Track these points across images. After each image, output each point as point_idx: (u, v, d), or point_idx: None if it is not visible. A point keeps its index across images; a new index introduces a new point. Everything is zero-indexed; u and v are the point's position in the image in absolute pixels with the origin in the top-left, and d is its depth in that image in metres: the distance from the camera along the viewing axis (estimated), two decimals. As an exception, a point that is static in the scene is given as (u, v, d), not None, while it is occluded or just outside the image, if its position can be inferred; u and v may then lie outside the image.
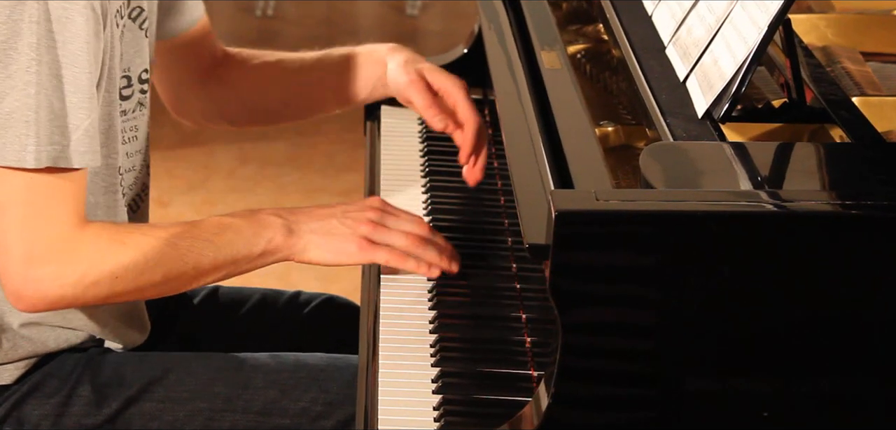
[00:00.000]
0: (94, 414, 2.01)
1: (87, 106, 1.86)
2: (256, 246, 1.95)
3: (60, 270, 1.86)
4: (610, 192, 1.62)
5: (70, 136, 1.84)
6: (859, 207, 1.52)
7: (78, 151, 1.85)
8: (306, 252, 1.97)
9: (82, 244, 1.87)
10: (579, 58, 2.25)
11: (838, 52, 2.09)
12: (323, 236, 1.97)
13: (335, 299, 2.35)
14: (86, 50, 1.85)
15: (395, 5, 6.42)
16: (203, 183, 4.59)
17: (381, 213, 2.00)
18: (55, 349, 2.03)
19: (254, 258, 1.95)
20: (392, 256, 1.97)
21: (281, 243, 1.96)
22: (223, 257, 1.93)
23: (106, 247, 1.88)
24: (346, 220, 1.98)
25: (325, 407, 2.02)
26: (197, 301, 2.31)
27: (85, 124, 1.85)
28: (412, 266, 1.98)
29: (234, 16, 6.23)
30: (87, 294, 1.88)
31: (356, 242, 1.97)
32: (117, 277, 1.88)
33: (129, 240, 1.90)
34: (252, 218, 1.96)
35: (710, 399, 1.54)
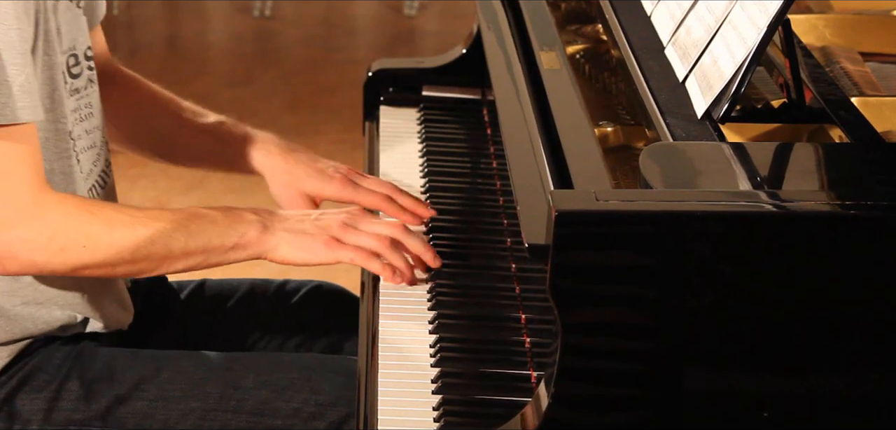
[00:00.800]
0: (83, 409, 2.01)
1: (21, 62, 1.88)
2: (229, 238, 1.97)
3: (27, 233, 1.89)
4: (609, 192, 1.62)
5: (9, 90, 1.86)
6: (859, 208, 1.52)
7: (19, 106, 1.87)
8: (277, 250, 1.99)
9: (47, 208, 1.90)
10: (578, 58, 2.25)
11: (837, 53, 2.09)
12: (294, 235, 1.99)
13: (323, 285, 2.36)
14: (13, 9, 1.87)
15: (393, 5, 6.42)
16: (201, 184, 4.59)
17: (357, 217, 2.02)
18: (35, 332, 2.03)
19: (226, 250, 1.98)
20: (357, 255, 1.99)
21: (253, 239, 1.98)
22: (194, 245, 1.96)
23: (74, 213, 1.91)
24: (319, 221, 2.01)
25: (318, 408, 2.02)
26: (184, 296, 2.32)
27: (20, 80, 1.87)
28: (376, 268, 1.99)
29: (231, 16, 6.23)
30: (54, 261, 1.91)
31: (324, 240, 1.99)
32: (85, 247, 1.90)
33: (99, 212, 1.93)
34: (229, 212, 2.00)
35: (710, 399, 1.54)
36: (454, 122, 2.52)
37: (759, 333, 1.52)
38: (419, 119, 2.52)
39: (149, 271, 1.97)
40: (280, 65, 5.79)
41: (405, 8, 6.33)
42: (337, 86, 5.48)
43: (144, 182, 4.56)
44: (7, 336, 2.02)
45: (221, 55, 5.99)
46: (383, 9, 6.45)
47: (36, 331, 2.03)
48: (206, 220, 1.97)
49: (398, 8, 6.38)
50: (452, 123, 2.52)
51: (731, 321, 1.52)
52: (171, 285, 2.33)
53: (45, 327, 2.03)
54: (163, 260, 1.95)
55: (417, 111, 2.54)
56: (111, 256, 1.92)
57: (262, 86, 5.52)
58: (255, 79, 5.60)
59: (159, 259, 1.94)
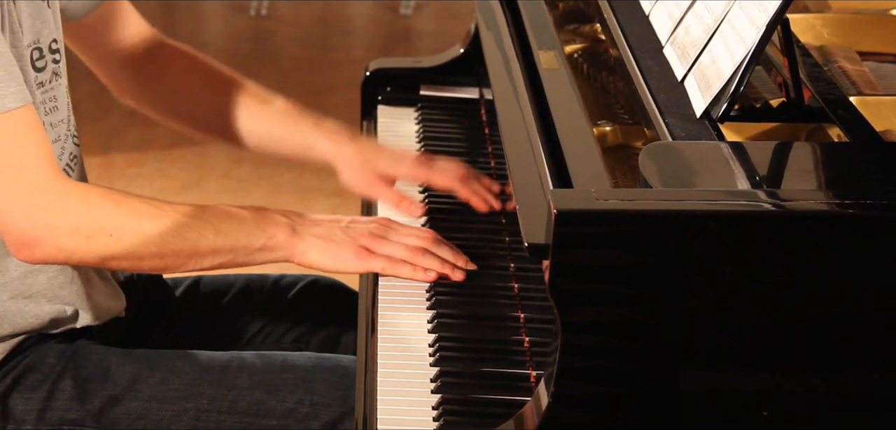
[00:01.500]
0: (76, 409, 2.01)
1: None
2: (257, 239, 1.97)
3: (51, 219, 1.89)
4: (609, 191, 1.62)
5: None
6: (859, 207, 1.52)
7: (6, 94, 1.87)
8: (306, 254, 1.99)
9: (68, 195, 1.90)
10: (576, 57, 2.25)
11: (835, 52, 2.10)
12: (324, 242, 1.99)
13: (319, 279, 2.36)
14: None
15: (389, 5, 6.42)
16: (198, 183, 4.59)
17: (386, 228, 2.03)
18: (25, 328, 2.02)
19: (253, 251, 1.97)
20: (387, 264, 1.99)
21: (282, 242, 1.97)
22: (223, 243, 1.95)
23: (98, 201, 1.91)
24: (349, 230, 2.01)
25: (312, 408, 2.02)
26: (180, 292, 2.32)
27: None
28: (407, 272, 1.99)
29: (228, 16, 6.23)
30: (83, 248, 1.90)
31: (354, 250, 1.99)
32: (112, 235, 1.90)
33: (125, 202, 1.93)
34: (258, 212, 1.99)
35: (710, 398, 1.54)
36: (452, 121, 2.52)
37: (759, 332, 1.52)
38: (417, 119, 2.52)
39: (175, 267, 1.96)
40: (276, 64, 5.78)
41: (401, 8, 6.33)
42: (333, 85, 5.47)
43: (141, 182, 4.56)
44: (2, 332, 2.01)
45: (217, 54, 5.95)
46: (379, 8, 6.45)
47: (26, 326, 2.02)
48: (235, 219, 1.96)
49: (394, 8, 6.38)
50: (450, 123, 2.52)
51: (731, 320, 1.52)
52: (166, 281, 2.33)
53: (35, 322, 2.03)
54: (190, 256, 1.94)
55: (415, 111, 2.54)
56: (138, 247, 1.91)
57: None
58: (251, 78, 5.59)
59: (187, 255, 1.94)
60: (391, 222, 2.05)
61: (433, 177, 2.19)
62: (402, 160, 2.22)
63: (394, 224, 2.04)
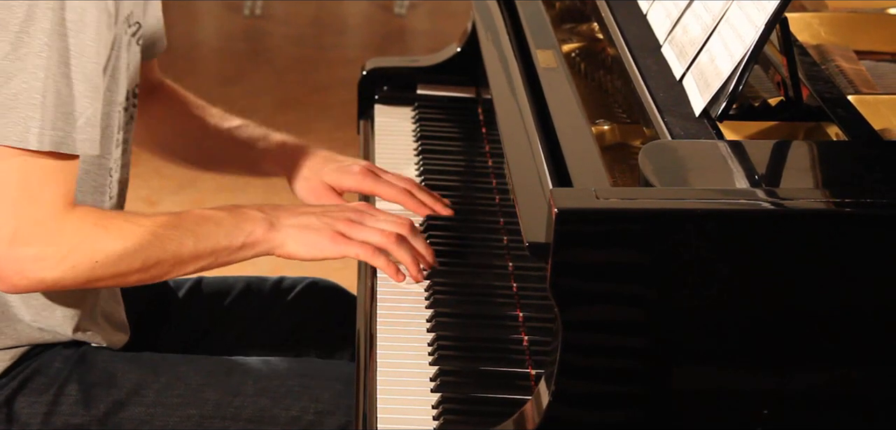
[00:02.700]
0: (82, 414, 2.01)
1: (92, 95, 1.88)
2: (236, 238, 1.97)
3: (43, 251, 1.87)
4: (610, 190, 1.62)
5: (74, 122, 1.86)
6: (860, 206, 1.52)
7: (80, 139, 1.87)
8: (284, 246, 1.99)
9: (66, 228, 1.88)
10: (573, 57, 2.26)
11: (832, 51, 2.10)
12: (300, 230, 1.99)
13: (318, 282, 2.36)
14: (95, 41, 1.88)
15: (383, 4, 6.42)
16: (192, 182, 4.59)
17: (362, 213, 2.03)
18: (40, 341, 2.03)
19: (234, 250, 1.98)
20: (363, 250, 1.99)
21: (261, 236, 1.98)
22: (203, 247, 1.95)
23: (89, 231, 1.90)
24: (324, 216, 2.01)
25: (317, 416, 2.02)
26: (182, 294, 2.32)
27: (88, 113, 1.87)
28: (381, 264, 2.00)
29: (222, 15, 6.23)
30: (67, 277, 1.89)
31: (329, 235, 1.99)
32: (97, 261, 1.89)
33: (112, 226, 1.92)
34: (234, 211, 1.99)
35: (710, 396, 1.54)
36: (449, 120, 2.52)
37: (760, 330, 1.52)
38: (414, 118, 2.52)
39: (159, 276, 1.96)
40: (271, 64, 5.78)
41: (396, 7, 6.33)
42: (328, 85, 5.48)
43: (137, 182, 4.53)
44: (12, 342, 2.02)
45: (212, 54, 5.98)
46: (374, 8, 6.45)
47: (41, 340, 2.03)
48: (212, 222, 1.97)
49: (388, 7, 6.38)
50: (447, 122, 2.52)
51: (732, 319, 1.52)
52: (168, 283, 2.33)
53: (51, 339, 2.04)
54: (173, 266, 1.94)
55: (412, 110, 2.55)
56: (122, 267, 1.91)
57: (253, 85, 5.52)
58: (245, 78, 5.60)
59: (170, 265, 1.94)
60: (369, 207, 2.06)
61: (380, 188, 2.19)
62: (351, 172, 2.23)
63: (371, 210, 2.05)
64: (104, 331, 2.08)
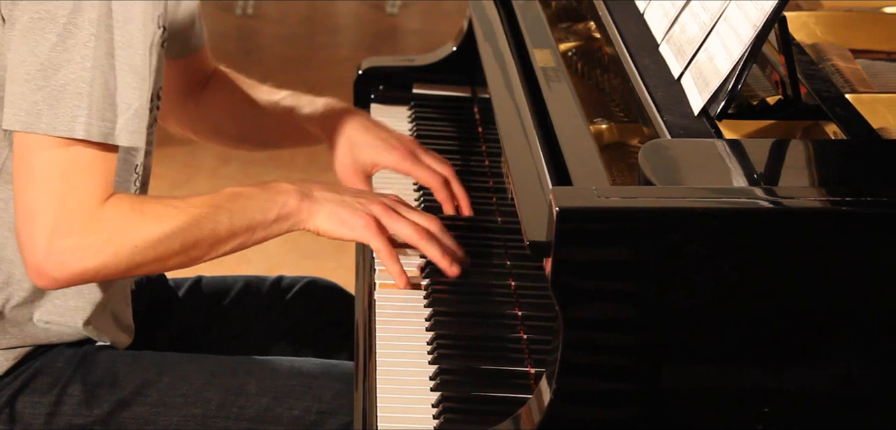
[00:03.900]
0: (84, 414, 2.01)
1: (139, 88, 1.88)
2: (270, 211, 1.96)
3: (82, 242, 1.86)
4: (611, 189, 1.63)
5: (120, 115, 1.86)
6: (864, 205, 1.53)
7: (126, 131, 1.87)
8: (316, 218, 1.98)
9: (104, 218, 1.87)
10: (570, 56, 2.26)
11: (828, 50, 2.10)
12: (335, 205, 1.98)
13: (317, 281, 2.37)
14: (141, 33, 1.88)
15: (375, 4, 6.42)
16: (186, 182, 4.59)
17: (397, 203, 2.02)
18: (44, 341, 2.03)
19: (269, 224, 1.97)
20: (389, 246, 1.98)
21: (294, 207, 1.97)
22: (239, 223, 1.94)
23: (126, 218, 1.89)
24: (360, 197, 2.01)
25: (319, 416, 2.02)
26: (182, 293, 2.32)
27: (135, 105, 1.87)
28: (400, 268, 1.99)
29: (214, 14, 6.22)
30: (109, 265, 1.88)
31: (364, 218, 1.98)
32: (137, 246, 1.89)
33: (148, 210, 1.91)
34: (266, 185, 1.99)
35: (711, 394, 1.55)
36: (445, 120, 2.53)
37: (761, 328, 1.53)
38: (410, 117, 2.52)
39: (198, 259, 1.95)
40: (263, 63, 5.78)
41: (387, 6, 6.33)
42: (320, 84, 5.47)
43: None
44: (16, 342, 2.02)
45: (204, 53, 5.97)
46: (365, 7, 6.45)
47: (47, 340, 2.03)
48: (245, 197, 1.96)
49: (380, 6, 6.38)
50: (443, 122, 2.52)
51: (733, 317, 1.52)
52: (168, 283, 2.33)
53: (56, 339, 2.04)
54: (212, 245, 1.93)
55: (408, 109, 2.55)
56: (161, 251, 1.90)
57: (245, 84, 5.51)
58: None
59: (208, 245, 1.93)
60: (401, 200, 2.05)
61: (417, 171, 2.18)
62: (391, 149, 2.20)
63: (404, 202, 2.04)
64: (111, 331, 2.08)
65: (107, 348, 2.08)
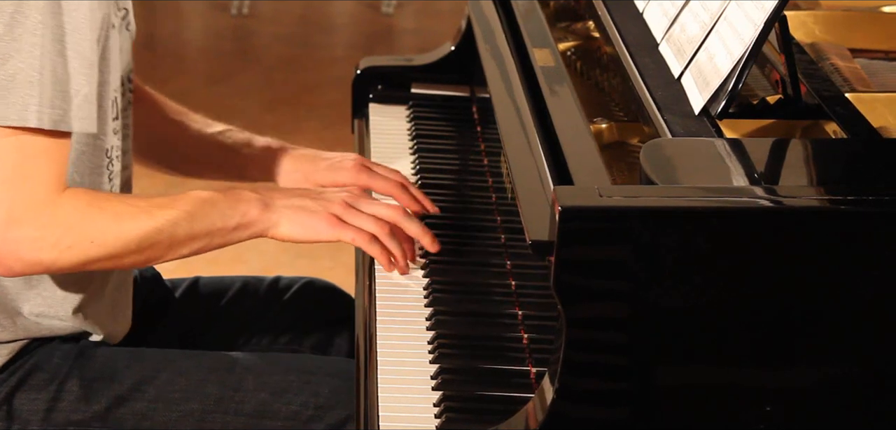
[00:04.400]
0: (82, 410, 2.01)
1: (88, 73, 1.88)
2: (231, 219, 1.97)
3: (38, 233, 1.87)
4: (613, 188, 1.63)
5: (71, 100, 1.87)
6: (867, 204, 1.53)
7: (78, 116, 1.87)
8: (278, 227, 1.99)
9: (60, 208, 1.88)
10: (569, 55, 2.26)
11: (827, 49, 2.10)
12: (296, 212, 2.00)
13: (314, 282, 2.37)
14: (88, 19, 1.88)
15: (371, 4, 6.43)
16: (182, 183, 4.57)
17: (358, 198, 2.04)
18: (37, 334, 2.03)
19: (229, 231, 1.98)
20: (358, 236, 2.00)
21: (255, 217, 1.98)
22: (198, 229, 1.95)
23: (84, 211, 1.90)
24: (320, 199, 2.02)
25: (317, 410, 2.02)
26: (179, 293, 2.32)
27: (84, 90, 1.88)
28: (376, 252, 2.01)
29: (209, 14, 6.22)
30: (62, 259, 1.89)
31: (326, 218, 2.00)
32: (93, 242, 1.90)
33: (107, 206, 1.92)
34: (229, 192, 1.99)
35: (713, 393, 1.55)
36: (444, 119, 2.53)
37: (764, 327, 1.53)
38: (409, 116, 2.52)
39: (155, 259, 1.96)
40: (258, 63, 5.78)
41: (383, 6, 6.33)
42: (316, 84, 5.47)
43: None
44: (10, 336, 2.02)
45: (199, 54, 5.98)
46: (361, 7, 6.45)
47: (39, 334, 2.03)
48: (207, 203, 1.96)
49: (375, 6, 6.38)
50: (442, 121, 2.52)
51: (736, 316, 1.53)
52: (165, 283, 2.34)
53: (48, 333, 2.04)
54: (168, 248, 1.94)
55: (406, 109, 2.55)
56: (118, 248, 1.91)
57: (241, 84, 5.51)
58: (233, 77, 5.59)
59: (165, 247, 1.94)
60: (363, 193, 2.06)
61: (373, 182, 2.19)
62: (343, 168, 2.23)
63: (364, 196, 2.05)
64: (105, 322, 2.08)
65: (104, 344, 2.08)
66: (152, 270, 2.34)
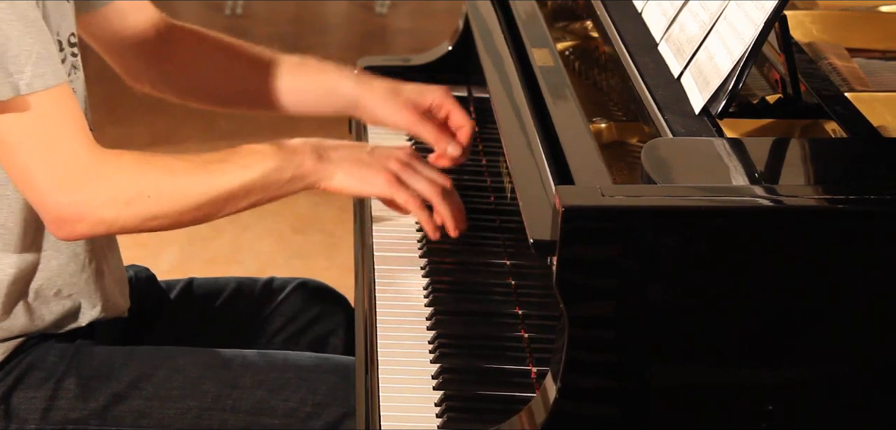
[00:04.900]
0: (80, 407, 2.02)
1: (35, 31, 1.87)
2: (286, 170, 1.96)
3: (91, 194, 1.88)
4: (615, 188, 1.63)
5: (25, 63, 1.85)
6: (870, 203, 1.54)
7: (39, 73, 1.86)
8: (333, 178, 1.99)
9: (105, 165, 1.89)
10: (567, 55, 2.26)
11: (825, 49, 2.11)
12: (352, 164, 1.99)
13: (308, 282, 2.37)
14: None
15: (364, 3, 6.42)
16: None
17: (412, 157, 2.03)
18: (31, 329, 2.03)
19: (283, 183, 1.97)
20: (412, 200, 1.99)
21: (310, 168, 1.97)
22: (253, 180, 1.94)
23: (131, 166, 1.91)
24: (376, 154, 2.01)
25: (314, 408, 2.03)
26: (173, 295, 2.32)
27: (36, 49, 1.87)
28: (425, 219, 2.01)
29: (203, 14, 6.22)
30: (123, 216, 1.89)
31: (384, 175, 1.99)
32: (150, 197, 1.89)
33: (156, 162, 1.92)
34: (281, 145, 1.98)
35: (715, 392, 1.55)
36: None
37: (767, 326, 1.53)
38: (406, 116, 2.52)
39: (214, 213, 1.95)
40: (252, 63, 5.76)
41: (376, 6, 6.33)
42: (309, 84, 5.46)
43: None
44: (4, 334, 2.02)
45: (192, 54, 5.96)
46: (354, 7, 6.45)
47: (33, 328, 2.03)
48: (259, 154, 1.96)
49: (369, 6, 6.38)
50: (439, 121, 2.52)
51: (737, 314, 1.53)
52: (160, 284, 2.33)
53: (42, 325, 2.03)
54: (226, 201, 1.93)
55: (404, 109, 2.54)
56: (177, 202, 1.91)
57: (235, 84, 5.50)
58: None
59: (223, 201, 1.93)
60: (415, 153, 2.05)
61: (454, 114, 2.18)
62: (429, 90, 2.21)
63: (418, 157, 2.04)
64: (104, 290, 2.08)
65: (101, 341, 2.08)
66: (147, 271, 2.34)
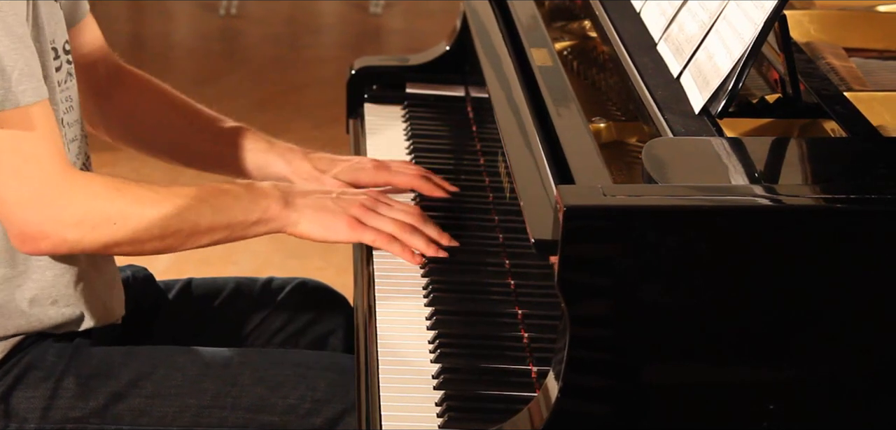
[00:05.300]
0: (80, 406, 2.02)
1: (18, 47, 1.89)
2: (252, 213, 2.00)
3: (58, 213, 1.91)
4: (616, 187, 1.63)
5: (9, 78, 1.87)
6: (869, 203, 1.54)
7: (21, 90, 1.88)
8: (298, 225, 2.03)
9: (75, 187, 1.92)
10: (565, 55, 2.27)
11: (822, 48, 2.11)
12: (316, 211, 2.03)
13: (307, 282, 2.37)
14: None
15: (359, 4, 6.42)
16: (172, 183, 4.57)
17: (375, 201, 2.06)
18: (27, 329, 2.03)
19: (249, 225, 2.01)
20: (378, 237, 2.03)
21: (276, 213, 2.01)
22: (220, 220, 1.98)
23: (101, 191, 1.94)
24: (340, 201, 2.05)
25: (314, 404, 2.03)
26: (172, 295, 2.32)
27: (19, 65, 1.89)
28: (397, 250, 2.03)
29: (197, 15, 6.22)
30: (87, 238, 1.93)
31: (346, 220, 2.03)
32: (115, 223, 1.93)
33: (126, 190, 1.95)
34: (250, 187, 2.02)
35: (716, 391, 1.56)
36: (439, 119, 2.53)
37: (767, 326, 1.54)
38: (404, 116, 2.53)
39: (176, 246, 1.99)
40: (247, 63, 5.77)
41: (371, 6, 6.33)
42: (304, 84, 5.47)
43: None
44: (1, 333, 2.01)
45: (187, 54, 5.97)
46: (349, 7, 6.45)
47: (30, 328, 2.03)
48: (229, 195, 2.00)
49: (363, 6, 6.38)
50: (437, 121, 2.52)
51: (739, 314, 1.53)
52: (158, 284, 2.33)
53: (39, 326, 2.03)
54: (189, 236, 1.97)
55: (402, 109, 2.55)
56: (141, 232, 1.94)
57: (229, 85, 5.51)
58: (221, 78, 5.59)
59: (186, 235, 1.97)
60: (381, 194, 2.09)
61: (395, 178, 2.22)
62: (362, 168, 2.24)
63: (383, 197, 2.08)
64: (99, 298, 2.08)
65: (99, 343, 2.08)
66: (145, 271, 2.34)
